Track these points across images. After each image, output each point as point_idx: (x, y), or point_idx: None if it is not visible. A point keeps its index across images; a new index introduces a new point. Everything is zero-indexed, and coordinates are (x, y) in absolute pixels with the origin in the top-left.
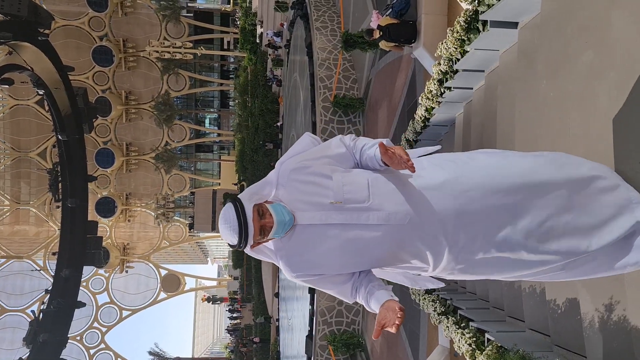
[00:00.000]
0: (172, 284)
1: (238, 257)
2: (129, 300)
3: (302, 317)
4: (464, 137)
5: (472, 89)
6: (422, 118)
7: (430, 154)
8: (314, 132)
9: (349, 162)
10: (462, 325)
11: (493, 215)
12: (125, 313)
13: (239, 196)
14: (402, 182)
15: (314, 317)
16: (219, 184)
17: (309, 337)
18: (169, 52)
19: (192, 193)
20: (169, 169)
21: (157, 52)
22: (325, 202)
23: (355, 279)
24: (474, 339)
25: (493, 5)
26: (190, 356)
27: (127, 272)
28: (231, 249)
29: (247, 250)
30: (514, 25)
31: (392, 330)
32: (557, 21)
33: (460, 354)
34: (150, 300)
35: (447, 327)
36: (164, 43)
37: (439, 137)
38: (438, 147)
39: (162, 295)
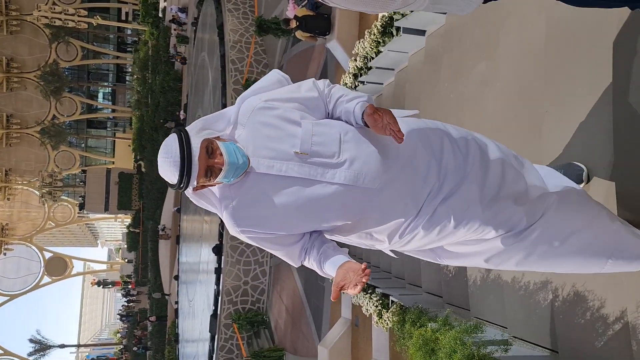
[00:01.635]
0: (58, 268)
1: (133, 239)
2: (7, 284)
3: (205, 298)
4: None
5: (382, 84)
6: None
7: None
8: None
9: (319, 110)
10: (369, 292)
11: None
12: (1, 299)
13: (185, 127)
14: (379, 143)
15: (220, 296)
16: (113, 162)
17: (214, 316)
18: (60, 19)
19: (84, 171)
20: (56, 145)
21: (47, 17)
22: (290, 151)
23: (306, 241)
24: (380, 302)
25: (406, 15)
26: (76, 343)
27: (5, 254)
28: (172, 188)
29: (189, 194)
30: (423, 32)
31: (355, 291)
32: (458, 34)
33: (368, 315)
34: (32, 285)
35: (357, 295)
36: (54, 8)
37: None
38: (416, 111)
39: (46, 279)
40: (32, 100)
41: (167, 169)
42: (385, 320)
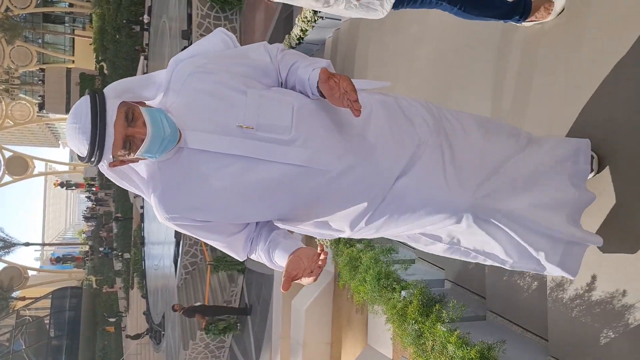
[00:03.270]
0: (19, 167)
1: None
2: None
3: None
4: (331, 57)
5: (340, 20)
6: (297, 37)
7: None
8: (189, 26)
9: (270, 78)
10: None
11: None
12: None
13: (103, 90)
14: (338, 118)
15: None
16: (73, 62)
17: None
18: None
19: (42, 70)
20: (11, 39)
21: None
22: (232, 124)
23: (251, 230)
24: None
25: None
26: (41, 242)
27: None
28: (82, 162)
29: (104, 169)
30: None
31: (309, 280)
32: None
33: None
34: None
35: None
36: None
37: (311, 52)
38: (387, 83)
39: (7, 178)
40: None
41: (75, 137)
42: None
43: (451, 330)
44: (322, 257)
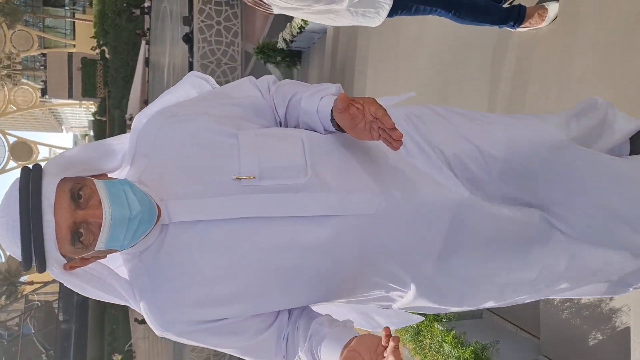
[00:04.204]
0: (23, 153)
1: (99, 127)
2: None
3: None
4: (333, 46)
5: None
6: (299, 25)
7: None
8: (189, 11)
9: (264, 117)
10: None
11: None
12: None
13: (44, 164)
14: (360, 148)
15: None
16: (74, 46)
17: None
18: None
19: (44, 55)
20: (11, 24)
21: None
22: (226, 178)
23: (282, 323)
24: None
25: None
26: None
27: None
28: (23, 269)
29: (57, 275)
30: None
31: None
32: None
33: None
34: None
35: None
36: None
37: (312, 41)
38: (412, 94)
39: (12, 164)
40: None
41: (5, 235)
42: None
43: (448, 329)
44: (390, 344)
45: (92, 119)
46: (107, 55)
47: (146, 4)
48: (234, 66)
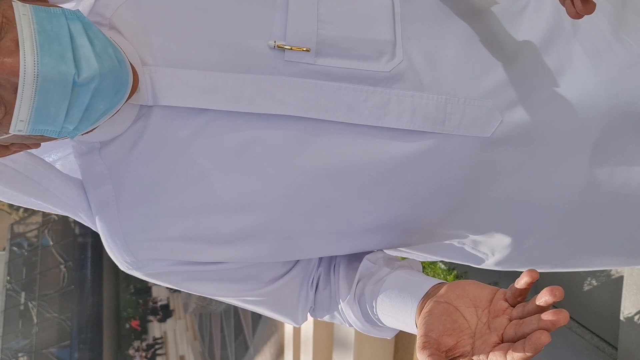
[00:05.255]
0: None
1: None
2: None
3: None
4: None
5: None
6: None
7: None
8: None
9: None
10: None
11: None
12: None
13: None
14: (486, 23)
15: None
16: None
17: None
18: None
19: None
20: None
21: None
22: (258, 43)
23: (309, 262)
24: None
25: None
26: None
27: None
28: None
29: None
30: None
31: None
32: None
33: None
34: None
35: None
36: None
37: None
38: None
39: None
40: None
41: None
42: None
43: (450, 269)
44: (546, 298)
45: None
46: None
47: None
48: None
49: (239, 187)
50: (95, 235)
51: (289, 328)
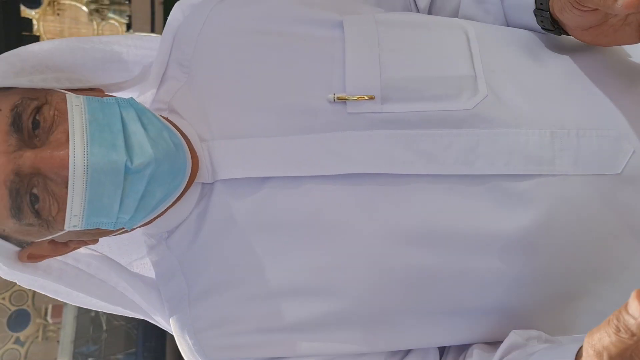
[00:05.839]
0: None
1: None
2: None
3: None
4: None
5: None
6: None
7: None
8: None
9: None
10: None
11: None
12: None
13: None
14: (580, 55)
15: None
16: None
17: None
18: None
19: None
20: None
21: None
22: (316, 100)
23: (427, 352)
24: None
25: None
26: None
27: None
28: None
29: (8, 274)
30: None
31: None
32: None
33: None
34: None
35: None
36: None
37: None
38: None
39: None
40: None
41: None
42: None
43: None
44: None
45: None
46: None
47: None
48: None
49: (314, 264)
50: None
51: None
